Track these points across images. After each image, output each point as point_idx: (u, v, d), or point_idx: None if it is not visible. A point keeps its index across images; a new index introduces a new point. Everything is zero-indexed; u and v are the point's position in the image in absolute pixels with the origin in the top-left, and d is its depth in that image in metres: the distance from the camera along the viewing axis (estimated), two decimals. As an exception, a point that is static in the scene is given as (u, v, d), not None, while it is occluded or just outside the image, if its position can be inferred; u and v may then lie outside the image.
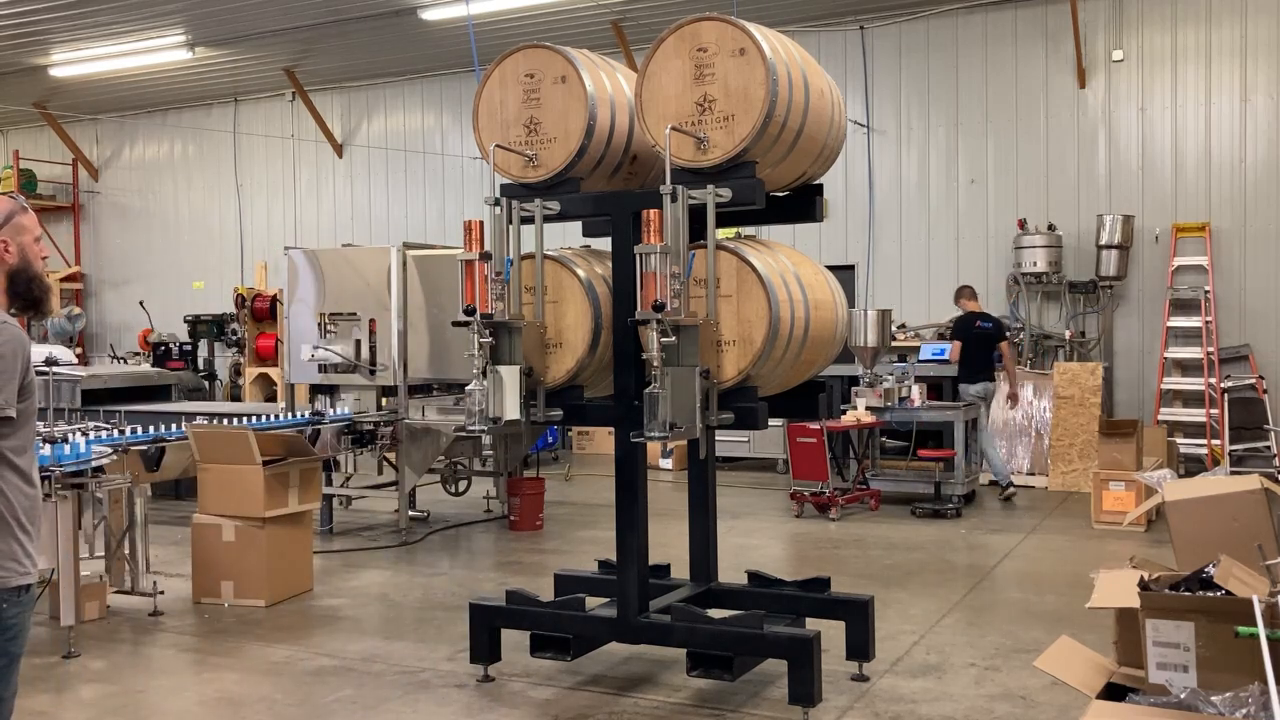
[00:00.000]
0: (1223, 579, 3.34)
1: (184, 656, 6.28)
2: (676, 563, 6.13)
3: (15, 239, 3.26)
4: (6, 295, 3.24)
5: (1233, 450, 11.74)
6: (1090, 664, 3.67)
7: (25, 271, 3.26)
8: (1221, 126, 12.54)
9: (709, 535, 5.86)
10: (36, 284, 3.30)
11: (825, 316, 5.44)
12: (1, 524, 3.11)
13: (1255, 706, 2.97)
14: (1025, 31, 13.35)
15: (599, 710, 5.25)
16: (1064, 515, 10.19)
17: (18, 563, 3.11)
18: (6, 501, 3.12)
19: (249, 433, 7.26)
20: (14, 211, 3.29)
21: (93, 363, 17.86)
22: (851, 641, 5.55)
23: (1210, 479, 4.76)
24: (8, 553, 3.11)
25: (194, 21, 14.26)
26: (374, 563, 8.58)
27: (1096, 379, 11.77)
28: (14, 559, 3.11)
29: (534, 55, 5.41)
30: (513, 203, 5.40)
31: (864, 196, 14.08)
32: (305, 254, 9.79)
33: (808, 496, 10.27)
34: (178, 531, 8.66)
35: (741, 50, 4.96)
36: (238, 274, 17.90)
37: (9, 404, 3.08)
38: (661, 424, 4.77)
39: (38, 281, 3.31)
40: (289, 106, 17.71)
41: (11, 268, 3.25)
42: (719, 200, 5.00)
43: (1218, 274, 12.46)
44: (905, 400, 10.73)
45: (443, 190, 16.65)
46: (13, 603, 3.13)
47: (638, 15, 13.65)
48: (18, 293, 3.27)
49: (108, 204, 19.53)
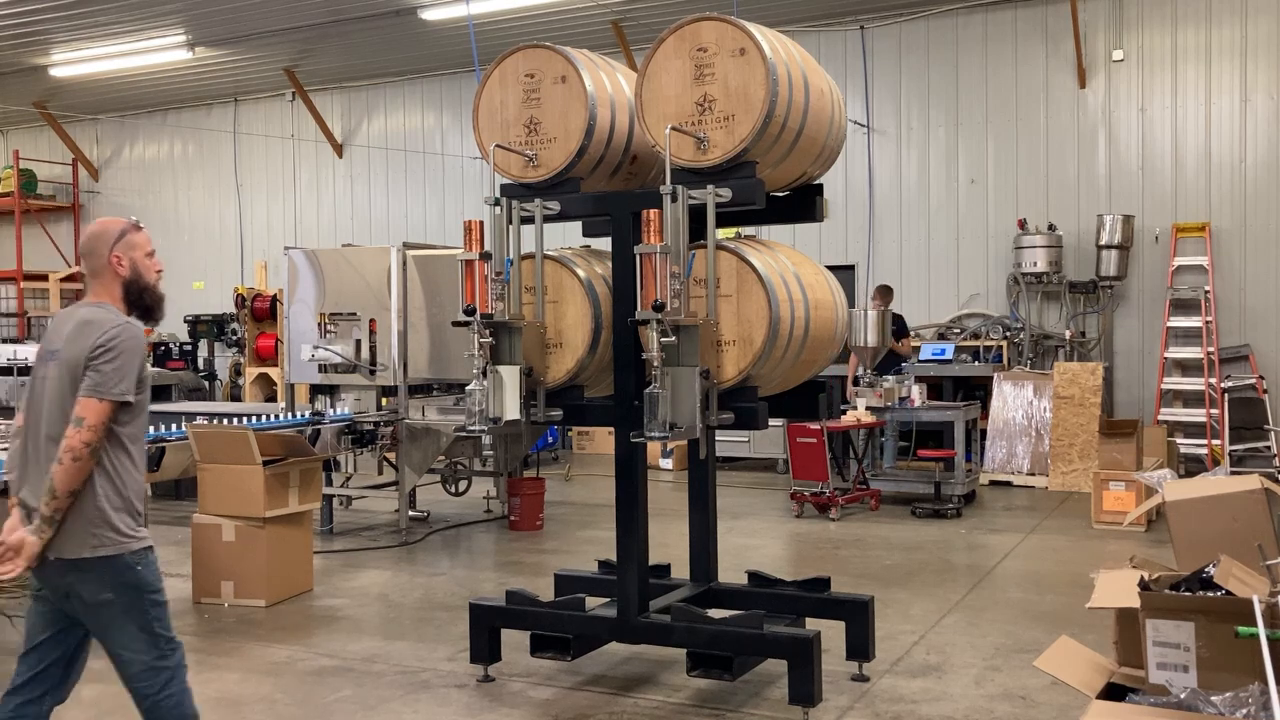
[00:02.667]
0: (1223, 579, 3.34)
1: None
2: (676, 563, 6.13)
3: (127, 254, 3.81)
4: (124, 304, 3.81)
5: (1233, 450, 11.74)
6: (1090, 664, 3.67)
7: (137, 283, 3.83)
8: (1221, 126, 12.54)
9: (709, 535, 5.86)
10: (149, 294, 3.87)
11: (825, 316, 5.44)
12: (122, 501, 3.70)
13: (1255, 706, 2.97)
14: (1025, 31, 13.35)
15: (599, 710, 5.25)
16: (1064, 515, 10.19)
17: (135, 534, 3.72)
18: (123, 483, 3.70)
19: (249, 433, 7.25)
20: (126, 230, 3.84)
21: (93, 363, 17.84)
22: (851, 641, 5.54)
23: (1210, 479, 4.75)
24: (130, 525, 3.71)
25: (194, 21, 14.26)
26: (374, 563, 8.58)
27: (1096, 379, 11.77)
28: (133, 532, 3.72)
29: (534, 55, 5.41)
30: (513, 203, 5.40)
31: (864, 196, 14.08)
32: (305, 254, 9.78)
33: (808, 496, 10.27)
34: (178, 531, 8.66)
35: (741, 50, 4.96)
36: (238, 274, 17.90)
37: (128, 392, 3.63)
38: (661, 424, 4.77)
39: (149, 291, 3.87)
40: (289, 106, 17.72)
41: (125, 280, 3.81)
42: (719, 200, 4.99)
43: (1218, 274, 12.46)
44: (905, 400, 10.74)
45: (443, 190, 16.65)
46: (145, 563, 3.76)
47: (638, 15, 13.65)
48: (132, 301, 3.83)
49: (108, 204, 19.52)
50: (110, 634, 3.71)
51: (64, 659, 3.82)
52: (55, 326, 3.83)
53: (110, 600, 3.68)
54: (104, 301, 3.78)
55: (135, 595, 3.70)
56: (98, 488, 3.64)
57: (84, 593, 3.67)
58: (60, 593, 3.72)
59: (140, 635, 3.70)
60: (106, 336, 3.61)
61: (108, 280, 3.80)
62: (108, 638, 3.73)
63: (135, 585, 3.71)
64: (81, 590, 3.67)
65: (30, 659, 3.80)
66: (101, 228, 3.86)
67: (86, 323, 3.68)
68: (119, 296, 3.80)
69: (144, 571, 3.74)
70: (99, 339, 3.61)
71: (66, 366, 3.65)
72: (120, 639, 3.70)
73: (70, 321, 3.75)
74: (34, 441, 3.73)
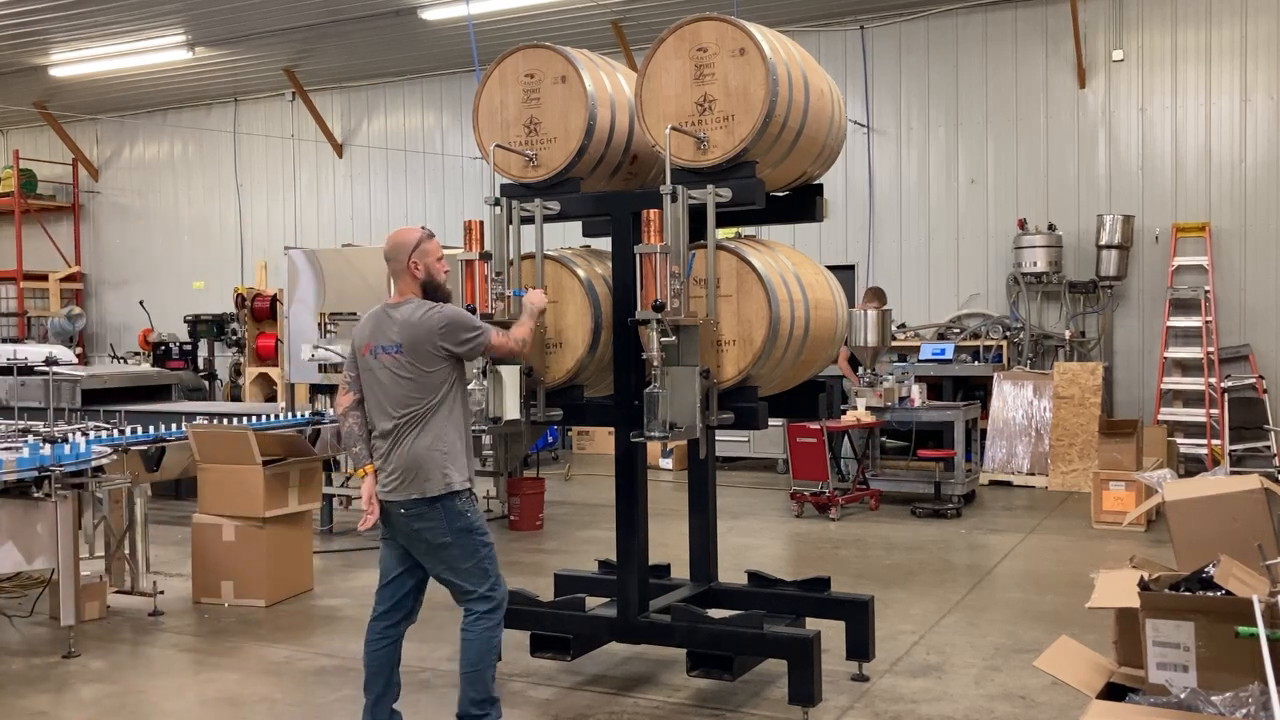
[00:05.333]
0: (1223, 579, 3.34)
1: (184, 656, 6.28)
2: (676, 563, 6.13)
3: (423, 260, 4.68)
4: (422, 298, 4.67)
5: (1233, 450, 11.74)
6: (1090, 664, 3.67)
7: (431, 282, 4.70)
8: (1221, 126, 12.54)
9: (709, 535, 5.86)
10: (440, 291, 4.72)
11: (825, 316, 5.43)
12: (462, 442, 4.66)
13: (1255, 706, 2.97)
14: (1025, 31, 13.35)
15: (599, 710, 5.26)
16: (1064, 515, 10.19)
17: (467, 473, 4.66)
18: (461, 425, 4.68)
19: (249, 433, 7.25)
20: (422, 239, 4.71)
21: (93, 363, 17.86)
22: (851, 641, 5.55)
23: (1210, 479, 4.75)
24: (466, 466, 4.67)
25: (194, 21, 14.25)
26: (374, 563, 8.51)
27: (1096, 379, 11.77)
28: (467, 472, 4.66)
29: (534, 55, 5.41)
30: (513, 203, 5.40)
31: (864, 196, 14.08)
32: (305, 254, 9.79)
33: (808, 496, 10.27)
34: (178, 531, 8.66)
35: (741, 50, 4.96)
36: (238, 274, 17.90)
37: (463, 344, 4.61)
38: (661, 424, 4.77)
39: (440, 289, 4.72)
40: (289, 106, 17.71)
41: (421, 282, 4.68)
42: (719, 200, 4.99)
43: (1218, 274, 12.46)
44: (905, 400, 10.73)
45: (443, 190, 16.65)
46: (468, 502, 4.66)
47: (638, 15, 13.64)
48: (428, 295, 4.68)
49: (108, 204, 19.53)
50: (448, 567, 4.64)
51: (415, 588, 4.78)
52: (375, 324, 4.67)
53: (448, 543, 4.57)
54: (410, 297, 4.66)
55: (467, 536, 4.60)
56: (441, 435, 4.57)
57: (428, 535, 4.58)
58: (406, 535, 4.65)
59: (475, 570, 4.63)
60: (441, 316, 4.57)
61: (409, 280, 4.67)
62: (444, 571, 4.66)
63: (467, 529, 4.61)
64: (426, 533, 4.58)
65: (387, 591, 4.76)
66: (402, 237, 4.70)
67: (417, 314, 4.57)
68: (417, 291, 4.67)
69: (473, 516, 4.64)
70: (438, 321, 4.55)
71: (409, 352, 4.54)
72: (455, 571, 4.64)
73: (392, 320, 4.61)
74: (379, 417, 4.62)
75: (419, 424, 4.58)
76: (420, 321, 4.56)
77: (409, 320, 4.58)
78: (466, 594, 4.66)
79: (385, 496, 4.65)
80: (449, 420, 4.62)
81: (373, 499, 4.69)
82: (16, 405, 8.55)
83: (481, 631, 4.64)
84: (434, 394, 4.60)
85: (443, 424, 4.60)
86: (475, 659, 4.64)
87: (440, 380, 4.61)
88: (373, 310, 4.83)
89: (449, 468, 4.59)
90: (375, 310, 4.79)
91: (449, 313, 4.61)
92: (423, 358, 4.56)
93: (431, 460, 4.56)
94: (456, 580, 4.65)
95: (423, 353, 4.55)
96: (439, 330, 4.55)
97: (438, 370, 4.59)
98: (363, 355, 4.71)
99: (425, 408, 4.59)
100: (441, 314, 4.58)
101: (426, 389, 4.58)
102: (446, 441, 4.59)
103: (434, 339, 4.55)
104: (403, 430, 4.58)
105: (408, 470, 4.57)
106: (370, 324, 4.73)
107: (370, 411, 4.69)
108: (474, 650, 4.64)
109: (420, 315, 4.57)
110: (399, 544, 4.73)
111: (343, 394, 4.82)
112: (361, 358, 4.73)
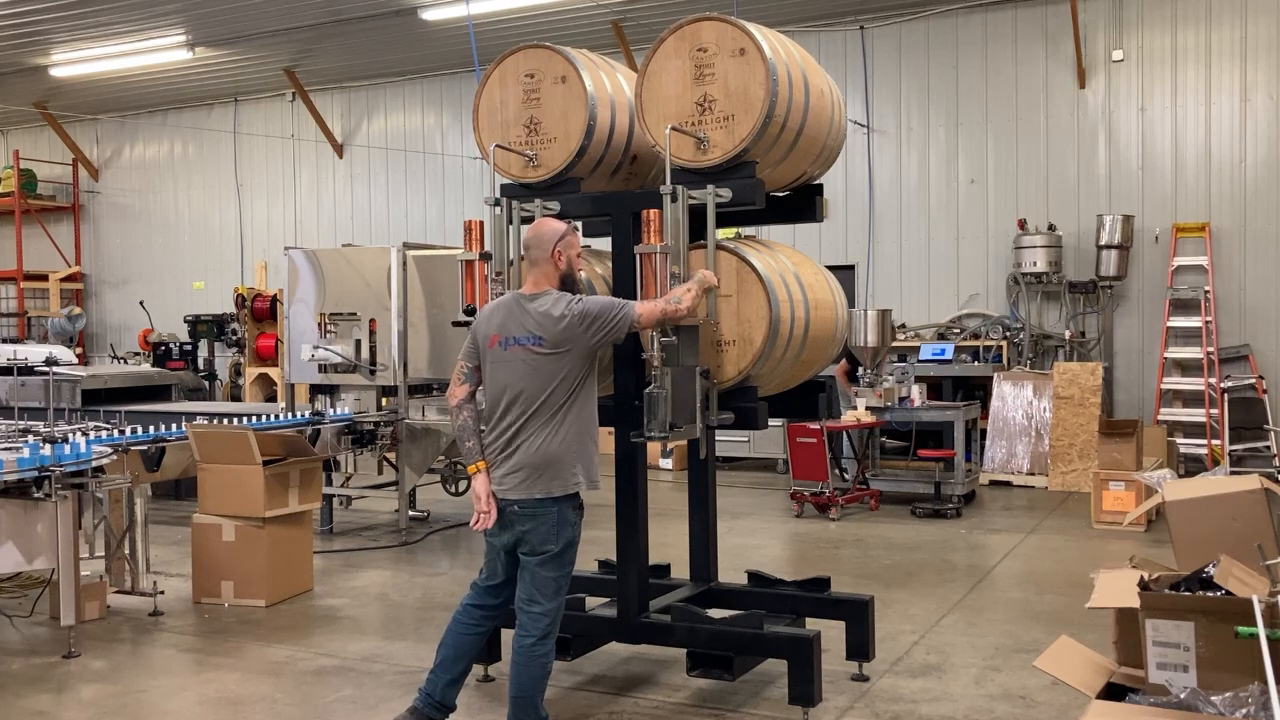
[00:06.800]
0: (1223, 579, 3.34)
1: (184, 656, 6.28)
2: (676, 563, 6.13)
3: (567, 252, 4.60)
4: (558, 289, 4.58)
5: (1233, 450, 11.74)
6: (1090, 664, 3.67)
7: (570, 276, 4.63)
8: (1221, 126, 12.54)
9: (709, 535, 5.86)
10: (577, 284, 4.69)
11: (825, 316, 5.43)
12: (593, 443, 4.59)
13: (1255, 706, 2.98)
14: (1025, 31, 13.35)
15: (599, 710, 5.26)
16: (1064, 515, 10.19)
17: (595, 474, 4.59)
18: (591, 423, 4.60)
19: (249, 433, 7.25)
20: (567, 231, 4.63)
21: (93, 363, 17.86)
22: (851, 641, 5.54)
23: (1210, 479, 4.76)
24: (595, 467, 4.57)
25: (194, 21, 14.26)
26: (374, 563, 8.58)
27: (1096, 379, 11.77)
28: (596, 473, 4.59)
29: (534, 55, 5.41)
30: (513, 203, 5.39)
31: (864, 196, 14.08)
32: (305, 254, 9.78)
33: (808, 496, 10.27)
34: (178, 531, 8.66)
35: (741, 50, 4.96)
36: (238, 274, 17.90)
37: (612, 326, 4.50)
38: (661, 424, 4.76)
39: (577, 283, 4.70)
40: (289, 106, 17.71)
41: (562, 273, 4.59)
42: (719, 200, 4.99)
43: (1218, 274, 12.46)
44: (905, 400, 10.73)
45: (443, 190, 16.65)
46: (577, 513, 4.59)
47: (638, 15, 13.65)
48: (564, 287, 4.59)
49: (108, 204, 19.53)
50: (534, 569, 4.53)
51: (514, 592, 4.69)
52: (507, 314, 4.55)
53: (551, 551, 4.49)
54: (547, 289, 4.54)
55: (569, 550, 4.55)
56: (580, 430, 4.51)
57: (533, 538, 4.49)
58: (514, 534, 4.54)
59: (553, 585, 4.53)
60: (582, 307, 4.47)
61: (548, 270, 4.56)
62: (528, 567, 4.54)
63: (570, 543, 4.54)
64: (532, 535, 4.49)
65: (493, 590, 4.74)
66: (547, 227, 4.62)
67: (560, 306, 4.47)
68: (555, 283, 4.57)
69: (577, 531, 4.57)
70: (592, 308, 4.48)
71: (552, 345, 4.44)
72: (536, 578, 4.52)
73: (528, 311, 4.50)
74: (504, 411, 4.49)
75: (551, 420, 4.46)
76: (566, 313, 4.45)
77: (551, 312, 4.46)
78: (531, 602, 4.53)
79: (503, 494, 4.51)
80: (580, 417, 4.52)
81: (490, 497, 4.52)
82: (16, 405, 8.53)
83: (537, 657, 4.53)
84: (569, 389, 4.48)
85: (575, 420, 4.50)
86: (528, 684, 4.53)
87: (576, 375, 4.50)
88: (501, 300, 4.71)
89: (577, 466, 4.50)
90: (505, 300, 4.67)
91: (590, 301, 4.53)
92: (565, 351, 4.45)
93: (564, 458, 4.47)
94: (532, 585, 4.53)
95: (567, 345, 4.44)
96: (591, 318, 4.45)
97: (577, 365, 4.49)
98: (490, 347, 4.56)
99: (560, 403, 4.47)
100: (584, 304, 4.48)
101: (564, 383, 4.47)
102: (581, 438, 4.51)
103: (584, 331, 4.45)
104: (533, 425, 4.46)
105: (536, 467, 4.45)
106: (500, 314, 4.58)
107: (490, 405, 4.55)
108: (527, 675, 4.53)
109: (564, 307, 4.46)
110: (508, 543, 4.60)
111: (457, 385, 4.65)
112: (488, 350, 4.57)
